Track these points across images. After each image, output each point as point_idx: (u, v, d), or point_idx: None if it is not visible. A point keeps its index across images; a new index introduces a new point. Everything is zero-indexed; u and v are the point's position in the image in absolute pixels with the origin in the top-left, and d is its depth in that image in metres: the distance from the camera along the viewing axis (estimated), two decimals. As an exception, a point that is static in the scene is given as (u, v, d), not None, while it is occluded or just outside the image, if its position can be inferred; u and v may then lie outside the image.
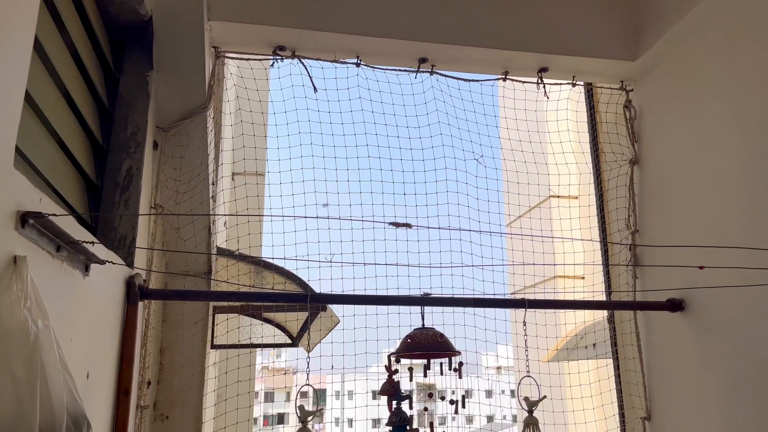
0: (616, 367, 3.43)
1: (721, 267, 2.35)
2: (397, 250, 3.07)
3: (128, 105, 2.59)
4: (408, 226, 1.63)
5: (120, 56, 2.64)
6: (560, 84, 3.39)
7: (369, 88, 3.16)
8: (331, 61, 3.12)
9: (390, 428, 2.37)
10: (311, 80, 3.06)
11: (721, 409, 2.64)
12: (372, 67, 3.15)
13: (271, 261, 3.11)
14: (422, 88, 3.20)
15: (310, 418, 2.38)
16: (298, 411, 2.36)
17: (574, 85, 3.40)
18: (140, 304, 2.40)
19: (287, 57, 3.07)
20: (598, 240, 3.56)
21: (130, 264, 2.36)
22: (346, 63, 3.14)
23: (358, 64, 3.13)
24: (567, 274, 4.92)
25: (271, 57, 3.09)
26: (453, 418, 3.04)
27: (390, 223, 1.66)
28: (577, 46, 3.18)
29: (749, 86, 2.59)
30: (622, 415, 3.33)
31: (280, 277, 3.00)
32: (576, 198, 4.95)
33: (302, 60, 3.07)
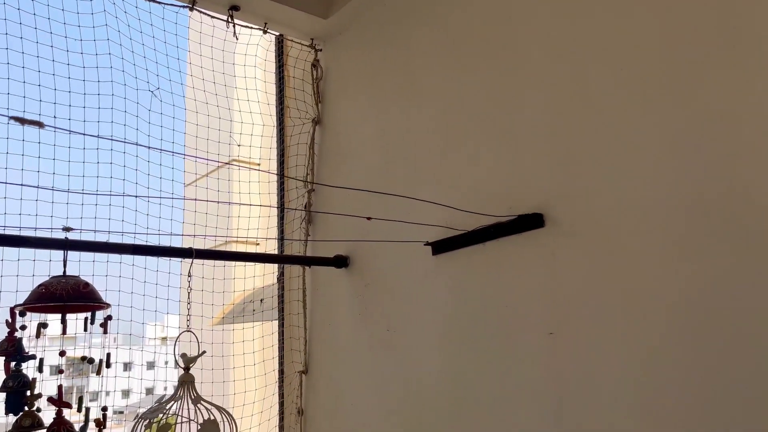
0: (281, 325, 3.44)
1: (383, 219, 2.48)
2: (40, 183, 2.51)
3: None
4: (39, 125, 1.26)
5: None
6: (251, 28, 3.21)
7: (17, -22, 2.51)
8: (-39, -71, 2.38)
9: (5, 394, 1.90)
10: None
11: (371, 357, 2.83)
12: (22, -49, 2.51)
13: None
14: (90, -4, 2.68)
15: None
16: None
17: (265, 32, 3.26)
18: None
19: None
20: (276, 195, 3.51)
21: None
22: (-16, -63, 2.44)
23: (1, -57, 2.45)
24: (243, 238, 4.81)
25: None
26: (107, 393, 2.65)
27: (12, 118, 1.25)
28: (272, -11, 3.04)
29: (417, 62, 2.79)
30: (281, 372, 3.35)
31: None
32: (258, 165, 4.87)
33: None
